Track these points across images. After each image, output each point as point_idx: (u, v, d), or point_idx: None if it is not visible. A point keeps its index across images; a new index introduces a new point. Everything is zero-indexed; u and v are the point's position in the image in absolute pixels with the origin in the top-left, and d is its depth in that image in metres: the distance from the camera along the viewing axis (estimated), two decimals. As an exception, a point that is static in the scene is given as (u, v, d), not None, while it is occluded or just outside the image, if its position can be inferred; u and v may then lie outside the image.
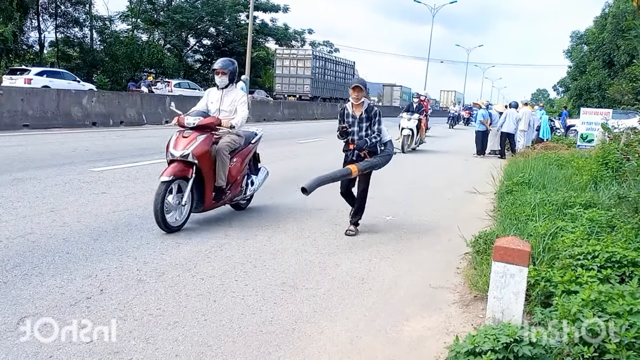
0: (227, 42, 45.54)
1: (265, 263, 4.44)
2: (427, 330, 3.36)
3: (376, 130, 5.52)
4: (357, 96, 5.46)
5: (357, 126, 5.54)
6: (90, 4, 37.26)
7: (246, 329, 3.21)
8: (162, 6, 41.46)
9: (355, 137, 5.54)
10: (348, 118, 5.60)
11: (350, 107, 5.60)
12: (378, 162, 5.59)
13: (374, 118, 5.52)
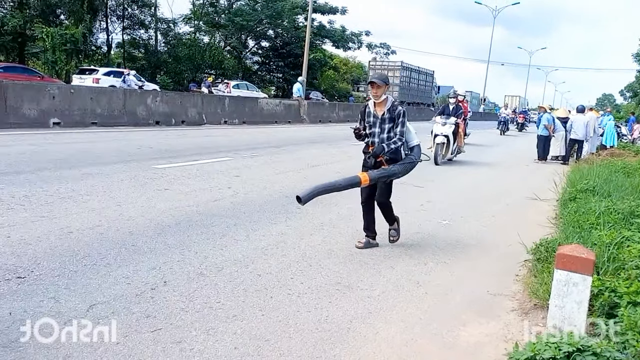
0: (285, 44, 46.13)
1: (320, 262, 4.49)
2: (484, 337, 3.30)
3: (398, 133, 4.84)
4: (375, 93, 4.83)
5: (378, 127, 4.91)
6: (155, 7, 38.65)
7: (302, 326, 3.26)
8: (223, 9, 42.45)
9: (375, 139, 4.92)
10: (369, 117, 5.00)
11: (371, 105, 4.99)
12: (396, 171, 4.84)
13: (398, 119, 4.85)
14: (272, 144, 13.87)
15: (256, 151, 11.81)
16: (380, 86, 4.81)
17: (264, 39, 47.28)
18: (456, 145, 13.08)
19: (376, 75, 5.04)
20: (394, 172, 4.83)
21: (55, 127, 12.56)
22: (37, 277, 3.63)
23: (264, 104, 22.21)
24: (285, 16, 42.22)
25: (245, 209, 6.15)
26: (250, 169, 9.22)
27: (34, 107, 12.13)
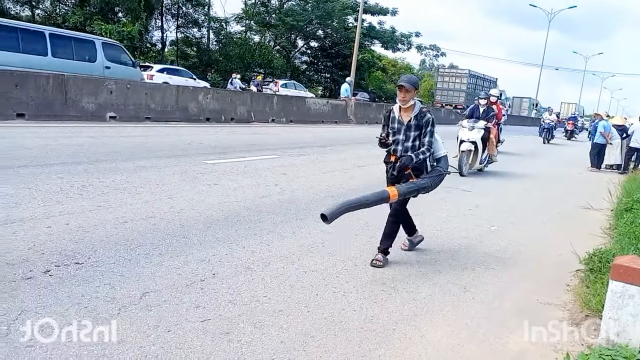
0: (334, 44, 46.19)
1: (365, 263, 4.49)
2: (532, 345, 3.23)
3: (426, 143, 4.44)
4: (403, 97, 4.42)
5: (403, 134, 4.51)
6: (209, 6, 39.42)
7: (347, 324, 3.28)
8: (274, 9, 42.90)
9: (399, 148, 4.52)
10: (393, 123, 4.58)
11: (397, 111, 4.57)
12: (426, 184, 4.49)
13: (426, 127, 4.44)
14: (319, 143, 13.94)
15: (303, 150, 11.89)
16: (410, 90, 4.41)
17: (313, 39, 47.49)
18: (487, 154, 11.17)
19: (405, 78, 4.56)
20: (424, 185, 4.46)
21: (112, 121, 13.01)
22: (93, 264, 3.78)
23: (311, 104, 22.33)
24: (335, 16, 42.27)
25: (292, 206, 6.21)
26: (297, 167, 9.30)
27: (92, 100, 12.61)
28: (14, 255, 3.75)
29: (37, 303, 3.09)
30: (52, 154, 7.68)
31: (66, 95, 11.95)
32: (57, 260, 3.76)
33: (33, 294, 3.19)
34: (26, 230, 4.31)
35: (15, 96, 10.93)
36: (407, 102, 4.45)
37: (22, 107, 11.03)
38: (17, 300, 3.10)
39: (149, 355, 2.68)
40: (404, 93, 4.41)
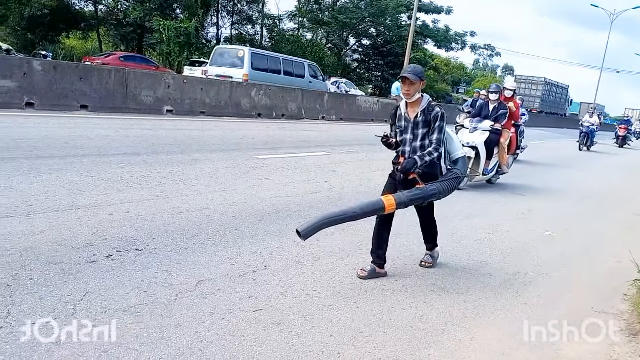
0: (386, 42, 45.88)
1: (415, 262, 4.48)
2: (587, 354, 3.16)
3: (434, 141, 3.88)
4: (407, 91, 3.87)
5: (410, 133, 4.01)
6: (263, 4, 39.96)
7: (396, 322, 3.29)
8: (327, 7, 43.04)
9: (406, 148, 4.03)
10: (400, 121, 4.09)
11: (403, 107, 4.07)
12: (435, 191, 3.89)
13: (435, 123, 3.89)
14: (369, 141, 13.88)
15: (352, 148, 11.91)
16: (414, 82, 3.83)
17: (366, 37, 47.33)
18: (495, 163, 8.93)
19: (409, 68, 3.94)
20: (432, 192, 3.85)
21: (168, 115, 13.41)
22: (152, 251, 3.94)
23: (361, 102, 22.30)
24: (388, 14, 42.00)
25: (341, 203, 6.23)
26: (347, 165, 9.34)
27: (150, 94, 13.03)
28: (79, 239, 3.95)
29: (100, 286, 3.25)
30: (113, 145, 8.00)
31: (127, 89, 12.41)
32: (118, 246, 3.94)
33: (97, 277, 3.36)
34: (90, 216, 4.52)
35: (80, 89, 11.42)
36: (412, 96, 3.90)
37: (85, 99, 11.52)
38: (82, 282, 3.27)
39: (205, 341, 2.78)
40: (407, 86, 3.86)
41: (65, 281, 3.24)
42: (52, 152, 6.88)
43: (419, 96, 3.95)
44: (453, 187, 4.08)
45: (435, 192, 3.89)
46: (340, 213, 3.57)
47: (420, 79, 3.87)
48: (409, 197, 3.76)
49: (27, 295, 3.00)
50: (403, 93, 3.91)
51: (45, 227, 4.10)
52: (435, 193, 3.89)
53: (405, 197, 3.74)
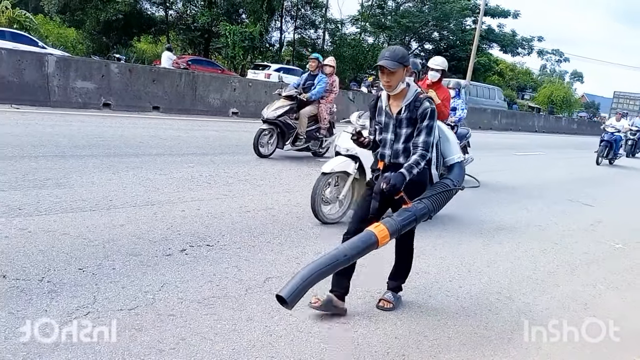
0: (449, 47, 45.18)
1: (480, 270, 4.45)
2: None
3: (420, 145, 3.07)
4: (388, 82, 3.03)
5: (392, 132, 3.19)
6: (326, 8, 40.30)
7: (461, 328, 3.30)
8: (390, 11, 42.89)
9: (386, 151, 3.23)
10: (380, 116, 3.27)
11: (384, 99, 3.24)
12: (425, 210, 3.09)
13: (422, 121, 3.09)
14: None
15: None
16: (394, 71, 2.98)
17: (428, 41, 46.82)
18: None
19: (387, 52, 3.04)
20: (423, 212, 3.09)
21: (233, 117, 13.81)
22: (222, 247, 4.11)
23: (423, 107, 22.09)
24: (452, 18, 41.39)
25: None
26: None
27: (217, 97, 13.46)
28: (155, 234, 4.18)
29: (176, 277, 3.43)
30: (183, 145, 8.36)
31: (195, 92, 12.88)
32: (191, 241, 4.14)
33: (172, 269, 3.55)
34: (164, 212, 4.77)
35: (152, 91, 11.96)
36: (394, 88, 3.07)
37: (157, 100, 12.05)
38: (159, 273, 3.47)
39: (274, 335, 2.89)
40: (387, 76, 3.01)
41: (144, 272, 3.45)
42: (128, 150, 7.27)
43: (404, 86, 3.11)
44: (444, 202, 3.29)
45: (426, 211, 3.09)
46: (329, 261, 2.74)
47: (403, 65, 3.00)
48: (401, 222, 2.96)
49: (111, 283, 3.22)
50: (383, 85, 3.10)
51: (124, 221, 4.36)
52: (426, 213, 3.10)
53: (397, 224, 2.94)
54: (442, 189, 3.26)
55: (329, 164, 5.11)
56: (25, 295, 2.93)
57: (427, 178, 3.34)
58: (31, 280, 3.12)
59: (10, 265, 3.26)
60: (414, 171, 3.02)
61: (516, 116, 29.60)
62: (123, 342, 2.61)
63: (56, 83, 10.38)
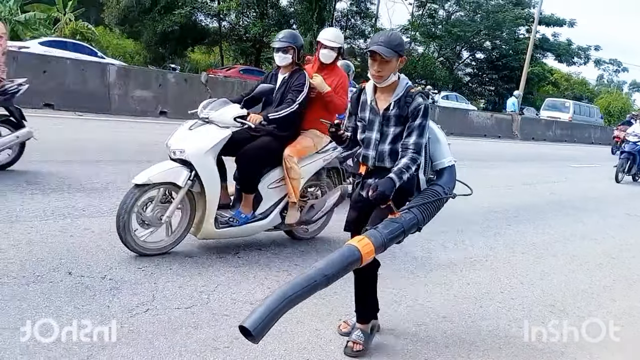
0: (501, 56, 44.36)
1: (532, 282, 4.36)
2: None
3: (411, 146, 2.66)
4: (379, 71, 2.64)
5: (377, 131, 2.79)
6: (376, 18, 40.38)
7: (512, 339, 3.25)
8: (440, 20, 42.56)
9: (370, 153, 2.82)
10: (364, 111, 2.84)
11: (370, 92, 2.82)
12: (414, 220, 2.68)
13: (413, 119, 2.67)
14: (481, 157, 13.57)
15: (463, 162, 11.60)
16: (388, 59, 2.60)
17: (480, 51, 46.12)
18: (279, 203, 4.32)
19: (381, 37, 2.67)
20: (411, 223, 2.66)
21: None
22: (273, 252, 4.23)
23: (474, 116, 21.78)
24: (505, 27, 40.66)
25: (452, 218, 6.17)
26: (458, 180, 9.19)
27: (267, 105, 13.74)
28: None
29: (229, 279, 3.55)
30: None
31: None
32: (243, 245, 4.26)
33: (225, 272, 3.67)
34: (217, 216, 4.91)
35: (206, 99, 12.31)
36: (385, 79, 2.67)
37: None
38: (213, 275, 3.59)
39: (324, 338, 2.95)
40: (379, 64, 2.62)
41: (199, 273, 3.57)
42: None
43: (395, 79, 2.72)
44: (434, 212, 2.84)
45: (415, 222, 2.68)
46: (304, 283, 2.28)
47: (398, 54, 2.62)
48: (387, 235, 2.54)
49: (168, 283, 3.36)
50: (372, 74, 2.68)
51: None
52: (415, 224, 2.69)
53: (384, 237, 2.52)
54: (433, 197, 2.78)
55: (146, 172, 3.73)
56: (89, 291, 3.10)
57: (415, 184, 2.81)
58: (94, 277, 3.29)
59: (75, 262, 3.45)
60: (404, 177, 2.61)
61: (571, 127, 28.68)
62: (180, 339, 2.72)
63: (116, 92, 10.86)
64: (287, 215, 4.27)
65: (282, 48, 4.14)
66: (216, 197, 3.83)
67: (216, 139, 3.80)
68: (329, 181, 4.71)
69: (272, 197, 4.20)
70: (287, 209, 4.27)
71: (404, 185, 2.67)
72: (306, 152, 4.28)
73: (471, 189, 3.11)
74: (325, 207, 4.40)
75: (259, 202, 4.15)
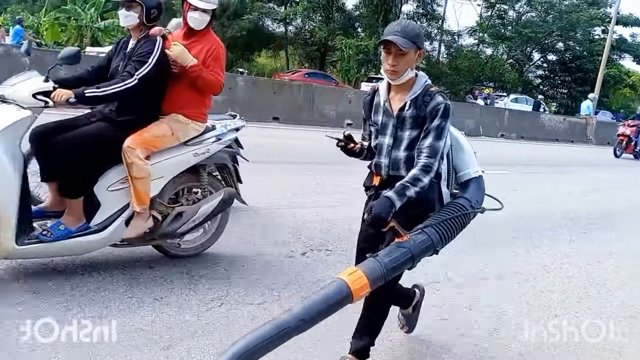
0: (575, 58, 42.52)
1: (611, 292, 4.16)
2: None
3: (425, 151, 2.29)
4: (393, 66, 2.29)
5: (390, 136, 2.43)
6: (443, 20, 39.77)
7: (587, 352, 3.13)
8: (510, 21, 41.35)
9: (382, 160, 2.45)
10: (377, 115, 2.49)
11: (383, 92, 2.47)
12: (429, 242, 2.24)
13: (431, 121, 2.31)
14: (553, 162, 13.10)
15: (534, 168, 11.34)
16: (405, 52, 2.25)
17: (551, 52, 44.42)
18: (121, 213, 3.30)
19: (397, 26, 2.30)
20: (423, 247, 2.23)
21: (348, 128, 14.05)
22: (341, 253, 4.27)
23: (545, 120, 21.03)
24: (580, 28, 38.96)
25: (523, 224, 6.02)
26: (528, 185, 8.93)
27: (333, 108, 13.86)
28: (279, 236, 4.43)
29: (298, 278, 3.61)
30: (303, 153, 8.73)
31: (313, 103, 13.37)
32: (311, 245, 4.33)
33: (294, 270, 3.75)
34: (287, 216, 5.06)
35: (273, 102, 12.61)
36: (401, 75, 2.32)
37: (277, 111, 12.68)
38: (283, 273, 3.67)
39: (394, 340, 2.95)
40: (394, 57, 2.28)
41: (270, 271, 3.66)
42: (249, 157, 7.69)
43: (412, 75, 2.36)
44: (456, 231, 2.37)
45: (429, 244, 2.24)
46: (274, 331, 1.86)
47: (416, 46, 2.30)
48: (389, 264, 2.10)
49: (241, 279, 3.46)
50: (386, 69, 2.34)
51: (250, 223, 4.65)
52: (430, 247, 2.25)
53: (383, 267, 2.08)
54: (453, 213, 2.33)
55: None
56: (168, 284, 3.25)
57: (437, 195, 2.43)
58: (173, 271, 3.44)
59: (155, 257, 3.63)
60: (408, 193, 2.19)
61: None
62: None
63: (188, 95, 11.30)
64: (129, 226, 3.26)
65: (124, 2, 3.20)
66: (11, 200, 2.83)
67: (5, 123, 2.85)
68: (217, 182, 3.76)
69: (114, 202, 3.21)
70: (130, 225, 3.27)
71: (424, 197, 2.30)
72: (158, 144, 3.26)
73: (501, 203, 2.67)
74: (198, 215, 3.41)
75: (96, 209, 3.19)
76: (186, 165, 3.44)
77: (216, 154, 3.62)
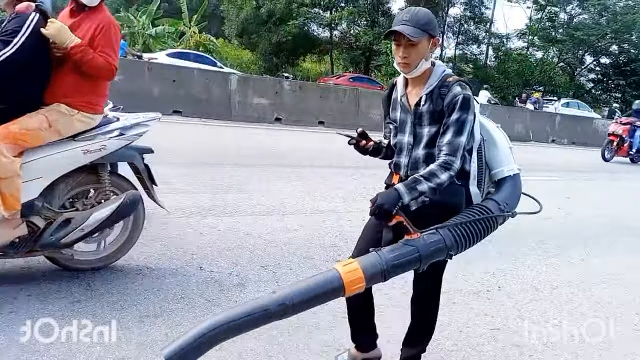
0: (630, 61, 40.87)
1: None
2: None
3: (444, 149, 2.08)
4: (404, 58, 2.10)
5: (409, 133, 2.25)
6: (491, 23, 39.04)
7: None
8: (561, 24, 40.18)
9: (402, 159, 2.28)
10: (395, 111, 2.32)
11: (401, 87, 2.29)
12: (442, 244, 1.97)
13: (450, 114, 2.10)
14: (606, 169, 12.62)
15: (589, 174, 10.94)
16: (416, 42, 2.06)
17: (605, 55, 42.87)
18: None
19: (407, 14, 2.11)
20: (434, 248, 1.97)
21: (393, 132, 14.04)
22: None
23: (599, 125, 20.25)
24: (635, 30, 37.45)
25: (577, 232, 5.82)
26: (582, 192, 8.62)
27: (378, 113, 13.75)
28: (325, 240, 4.43)
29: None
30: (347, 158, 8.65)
31: (358, 108, 13.34)
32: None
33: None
34: (332, 220, 5.03)
35: (318, 106, 12.67)
36: (414, 67, 2.12)
37: (322, 115, 12.73)
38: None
39: (444, 349, 2.88)
40: (405, 48, 2.09)
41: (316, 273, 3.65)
42: (297, 161, 7.75)
43: (428, 66, 2.17)
44: (479, 235, 2.10)
45: (441, 246, 1.98)
46: (249, 311, 1.77)
47: (429, 34, 2.10)
48: (390, 260, 1.91)
49: (288, 281, 3.47)
50: (398, 62, 2.16)
51: (297, 226, 4.67)
52: (442, 249, 1.98)
53: (384, 263, 1.90)
54: (477, 216, 2.07)
55: None
56: (218, 285, 3.29)
57: (463, 199, 2.22)
58: (222, 273, 3.49)
59: (205, 258, 3.69)
60: (419, 187, 1.99)
61: None
62: (302, 338, 2.80)
63: (237, 99, 11.49)
64: None
65: None
66: None
67: None
68: (126, 184, 3.25)
69: None
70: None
71: (447, 200, 2.13)
72: (27, 138, 2.72)
73: (540, 205, 2.40)
74: (89, 222, 2.94)
75: None
76: (75, 164, 2.94)
77: (118, 151, 3.07)
